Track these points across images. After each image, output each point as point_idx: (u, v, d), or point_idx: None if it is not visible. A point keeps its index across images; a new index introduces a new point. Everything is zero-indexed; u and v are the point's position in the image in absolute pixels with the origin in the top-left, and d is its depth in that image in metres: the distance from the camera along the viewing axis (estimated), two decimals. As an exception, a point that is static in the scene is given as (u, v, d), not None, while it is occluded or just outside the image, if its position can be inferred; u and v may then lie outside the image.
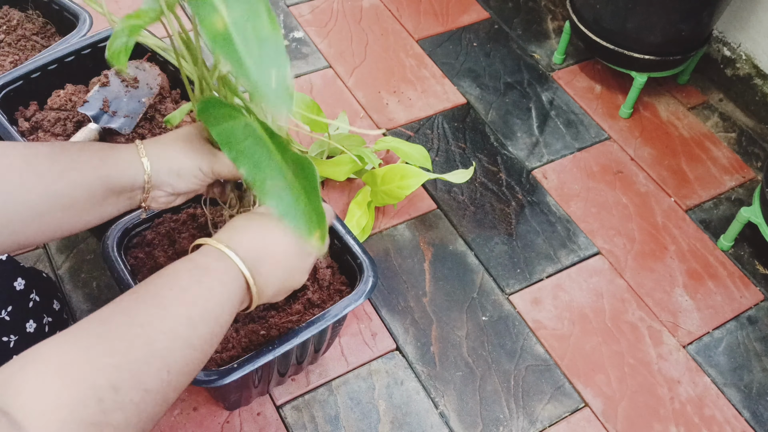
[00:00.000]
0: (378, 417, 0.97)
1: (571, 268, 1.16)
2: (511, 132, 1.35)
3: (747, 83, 1.41)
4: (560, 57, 1.47)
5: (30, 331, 0.81)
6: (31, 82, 1.04)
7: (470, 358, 1.04)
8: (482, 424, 0.98)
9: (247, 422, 0.95)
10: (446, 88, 1.41)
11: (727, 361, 1.07)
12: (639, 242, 1.20)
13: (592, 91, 1.43)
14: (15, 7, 1.20)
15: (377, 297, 1.09)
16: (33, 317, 0.82)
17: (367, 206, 1.15)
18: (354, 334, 1.05)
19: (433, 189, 1.24)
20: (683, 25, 1.24)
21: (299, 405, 0.97)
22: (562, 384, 1.03)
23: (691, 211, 1.25)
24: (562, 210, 1.23)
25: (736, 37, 1.40)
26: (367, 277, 0.85)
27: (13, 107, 1.04)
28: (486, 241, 1.18)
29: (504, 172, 1.28)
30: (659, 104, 1.42)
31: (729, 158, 1.34)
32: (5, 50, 1.13)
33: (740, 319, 1.12)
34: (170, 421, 0.94)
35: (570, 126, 1.36)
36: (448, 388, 1.01)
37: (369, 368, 1.02)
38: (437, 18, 1.54)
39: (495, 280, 1.13)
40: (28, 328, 0.81)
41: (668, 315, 1.11)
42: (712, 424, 1.01)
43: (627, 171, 1.30)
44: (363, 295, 0.84)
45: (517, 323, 1.09)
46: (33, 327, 0.81)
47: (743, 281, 1.17)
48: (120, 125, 1.01)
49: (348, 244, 0.88)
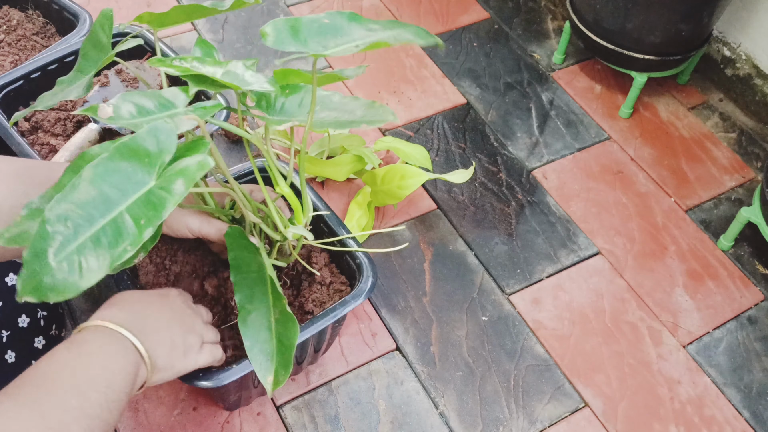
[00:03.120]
0: (378, 417, 0.97)
1: (571, 268, 1.16)
2: (511, 132, 1.35)
3: (747, 83, 1.41)
4: (560, 57, 1.47)
5: (23, 326, 0.82)
6: (31, 82, 1.04)
7: (470, 358, 1.04)
8: (482, 424, 0.98)
9: (247, 422, 0.95)
10: (446, 88, 1.41)
11: (727, 361, 1.07)
12: (639, 242, 1.20)
13: (592, 91, 1.43)
14: (15, 7, 1.20)
15: (377, 297, 1.09)
16: (26, 312, 0.83)
17: (367, 206, 1.15)
18: (354, 334, 1.05)
19: (433, 189, 1.24)
20: (683, 25, 1.24)
21: (299, 405, 0.97)
22: (562, 384, 1.03)
23: (691, 211, 1.25)
24: (562, 210, 1.23)
25: (736, 37, 1.40)
26: (367, 277, 0.86)
27: (13, 107, 1.04)
28: (486, 241, 1.18)
29: (504, 172, 1.28)
30: (659, 104, 1.42)
31: (729, 158, 1.34)
32: (5, 50, 1.13)
33: (740, 319, 1.12)
34: (170, 421, 0.94)
35: (570, 126, 1.36)
36: (448, 388, 1.01)
37: (369, 368, 1.02)
38: (437, 18, 1.54)
39: (495, 280, 1.13)
40: (21, 323, 0.82)
41: (668, 315, 1.11)
42: (712, 424, 1.01)
43: (627, 171, 1.30)
44: (363, 295, 0.84)
45: (517, 323, 1.09)
46: (26, 322, 0.82)
47: (743, 281, 1.17)
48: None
49: (348, 245, 0.89)
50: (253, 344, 0.71)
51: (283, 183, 0.73)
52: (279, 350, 0.71)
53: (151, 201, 0.56)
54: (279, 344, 0.71)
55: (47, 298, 0.51)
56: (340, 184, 1.22)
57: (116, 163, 0.56)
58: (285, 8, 1.52)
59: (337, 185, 1.22)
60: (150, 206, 0.56)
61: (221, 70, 0.64)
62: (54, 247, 0.52)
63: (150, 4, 1.49)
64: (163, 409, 0.95)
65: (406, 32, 0.67)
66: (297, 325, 0.71)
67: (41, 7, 1.19)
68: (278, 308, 0.72)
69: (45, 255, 0.52)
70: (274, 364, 0.70)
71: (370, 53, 1.45)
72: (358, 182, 1.22)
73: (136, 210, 0.55)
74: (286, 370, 0.70)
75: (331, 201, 1.19)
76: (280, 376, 0.70)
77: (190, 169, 0.57)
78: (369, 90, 1.38)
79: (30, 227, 0.59)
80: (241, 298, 0.72)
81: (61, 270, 0.52)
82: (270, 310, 0.72)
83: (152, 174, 0.57)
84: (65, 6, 1.14)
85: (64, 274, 0.52)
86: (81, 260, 0.53)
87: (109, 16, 0.69)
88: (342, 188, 1.22)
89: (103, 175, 0.55)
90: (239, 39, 1.45)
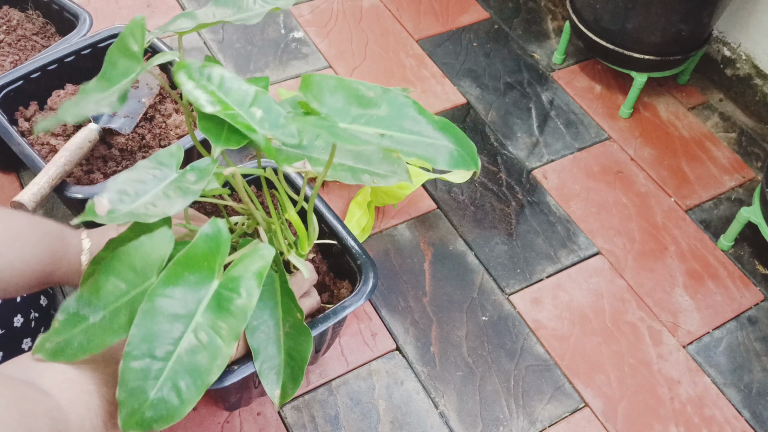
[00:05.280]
0: (378, 417, 0.97)
1: (571, 268, 1.16)
2: (511, 132, 1.35)
3: (747, 83, 1.41)
4: (560, 57, 1.47)
5: (17, 325, 0.82)
6: (31, 82, 1.04)
7: (470, 358, 1.04)
8: (482, 424, 0.98)
9: (247, 422, 0.95)
10: (446, 88, 1.41)
11: (727, 361, 1.07)
12: (639, 242, 1.20)
13: (592, 91, 1.43)
14: (15, 7, 1.20)
15: (377, 297, 1.09)
16: (21, 312, 0.83)
17: (367, 206, 1.15)
18: (354, 334, 1.05)
19: (433, 189, 1.24)
20: (683, 25, 1.24)
21: (299, 405, 0.97)
22: (562, 384, 1.03)
23: (691, 211, 1.25)
24: (562, 210, 1.23)
25: (736, 37, 1.40)
26: (368, 279, 0.85)
27: (13, 107, 1.04)
28: (486, 241, 1.18)
29: (504, 172, 1.28)
30: (659, 104, 1.42)
31: (729, 158, 1.34)
32: (5, 50, 1.13)
33: (740, 319, 1.12)
34: (170, 421, 0.94)
35: (570, 126, 1.36)
36: (448, 388, 1.01)
37: (369, 368, 1.02)
38: (437, 18, 1.54)
39: (495, 280, 1.13)
40: (16, 323, 0.82)
41: (668, 315, 1.11)
42: (712, 424, 1.01)
43: (627, 171, 1.30)
44: (363, 297, 0.84)
45: (517, 323, 1.09)
46: (20, 322, 0.82)
47: (743, 281, 1.17)
48: (120, 125, 1.01)
49: (348, 246, 0.89)
50: (262, 361, 0.69)
51: (292, 210, 0.72)
52: (287, 364, 0.68)
53: (222, 305, 0.56)
54: (288, 358, 0.68)
55: (153, 429, 0.52)
56: (340, 184, 1.22)
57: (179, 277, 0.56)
58: (285, 8, 1.52)
59: (337, 185, 1.22)
60: (222, 310, 0.55)
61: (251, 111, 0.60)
62: (145, 382, 0.52)
63: (150, 4, 1.49)
64: (164, 409, 0.95)
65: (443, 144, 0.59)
66: (310, 337, 0.69)
67: (41, 7, 1.19)
68: (289, 321, 0.69)
69: (140, 392, 0.52)
70: (281, 378, 0.68)
71: (370, 53, 1.45)
72: (358, 182, 1.22)
73: (210, 318, 0.55)
74: (295, 384, 0.68)
75: (331, 201, 1.19)
76: (288, 389, 0.68)
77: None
78: (369, 90, 1.38)
79: (73, 337, 0.57)
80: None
81: (161, 402, 0.52)
82: (279, 325, 0.69)
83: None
84: (65, 6, 1.14)
85: (165, 405, 0.52)
86: (178, 387, 0.53)
87: (141, 24, 0.62)
88: (342, 188, 1.22)
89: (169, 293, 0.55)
90: (239, 39, 1.45)
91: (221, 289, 0.57)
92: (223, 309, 0.56)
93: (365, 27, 1.50)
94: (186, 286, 0.56)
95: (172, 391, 0.52)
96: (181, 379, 0.53)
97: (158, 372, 0.52)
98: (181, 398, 0.52)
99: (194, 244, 0.57)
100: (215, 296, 0.56)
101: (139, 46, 0.61)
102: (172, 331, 0.54)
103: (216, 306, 0.56)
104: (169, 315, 0.54)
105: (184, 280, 0.56)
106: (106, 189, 0.55)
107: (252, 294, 0.56)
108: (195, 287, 0.56)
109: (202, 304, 0.56)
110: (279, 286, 0.70)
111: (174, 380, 0.53)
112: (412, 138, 0.58)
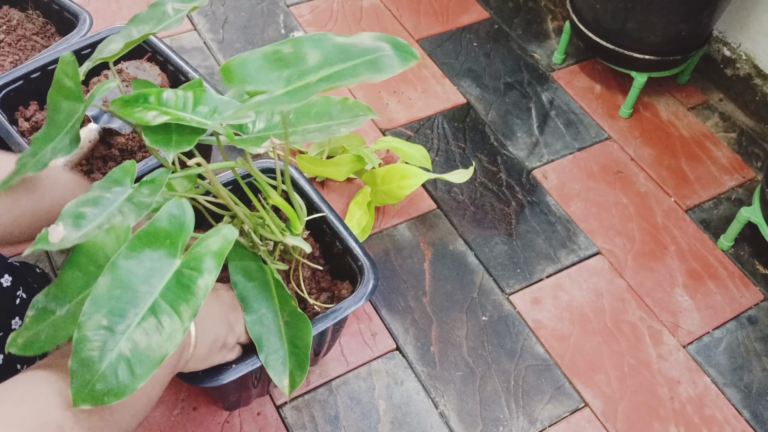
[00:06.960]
0: (378, 417, 0.97)
1: (571, 268, 1.16)
2: (511, 132, 1.35)
3: (747, 83, 1.41)
4: (560, 57, 1.47)
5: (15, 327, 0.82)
6: (31, 82, 1.04)
7: (470, 358, 1.04)
8: (482, 424, 0.98)
9: (247, 422, 0.95)
10: (446, 88, 1.41)
11: (727, 361, 1.07)
12: (639, 242, 1.20)
13: (592, 91, 1.43)
14: (15, 7, 1.20)
15: (377, 297, 1.09)
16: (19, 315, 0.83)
17: (367, 206, 1.15)
18: (354, 334, 1.05)
19: (433, 189, 1.24)
20: (683, 25, 1.24)
21: (299, 405, 0.97)
22: (562, 384, 1.03)
23: (691, 211, 1.25)
24: (562, 210, 1.23)
25: (736, 37, 1.40)
26: (368, 279, 0.85)
27: (13, 107, 1.04)
28: (486, 241, 1.18)
29: (504, 172, 1.28)
30: (659, 104, 1.42)
31: (729, 158, 1.34)
32: (5, 50, 1.13)
33: (740, 319, 1.12)
34: (170, 420, 0.94)
35: (570, 126, 1.36)
36: (448, 388, 1.01)
37: (369, 368, 1.02)
38: (437, 18, 1.54)
39: (495, 280, 1.13)
40: (14, 325, 0.82)
41: (668, 315, 1.11)
42: (712, 424, 1.01)
43: (627, 171, 1.30)
44: (363, 297, 0.84)
45: (517, 323, 1.09)
46: (18, 324, 0.82)
47: (743, 281, 1.17)
48: (120, 125, 1.01)
49: (349, 246, 0.88)
50: (266, 354, 0.71)
51: (275, 194, 0.72)
52: (292, 352, 0.70)
53: (183, 283, 0.55)
54: (291, 346, 0.70)
55: (104, 403, 0.51)
56: (340, 184, 1.22)
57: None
58: (285, 8, 1.52)
59: (337, 185, 1.22)
60: (183, 289, 0.55)
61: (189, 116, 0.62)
62: (98, 353, 0.52)
63: (150, 4, 1.49)
64: (163, 409, 0.95)
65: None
66: (309, 324, 0.71)
67: (41, 7, 1.19)
68: (286, 311, 0.71)
69: (92, 362, 0.51)
70: (288, 366, 0.70)
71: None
72: (358, 182, 1.22)
73: (169, 296, 0.55)
74: (303, 370, 0.70)
75: (331, 201, 1.19)
76: (296, 377, 0.70)
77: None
78: (368, 90, 1.38)
79: (41, 330, 0.57)
80: (246, 308, 0.73)
81: (111, 375, 0.52)
82: (277, 315, 0.71)
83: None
84: (65, 6, 1.14)
85: (116, 378, 0.52)
86: (129, 360, 0.52)
87: (72, 61, 0.63)
88: (342, 188, 1.22)
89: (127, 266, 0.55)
90: (239, 39, 1.45)
91: (183, 268, 0.57)
92: (183, 286, 0.55)
93: (365, 27, 1.50)
94: (147, 262, 0.56)
95: (125, 364, 0.52)
96: (134, 353, 0.52)
97: (112, 344, 0.52)
98: (132, 372, 0.52)
99: (157, 219, 0.57)
100: (176, 274, 0.56)
101: (75, 82, 0.63)
102: (129, 305, 0.54)
103: (176, 283, 0.56)
104: (127, 288, 0.54)
105: (145, 256, 0.56)
106: (62, 216, 0.57)
107: (211, 272, 0.56)
108: (156, 263, 0.56)
109: (162, 281, 0.56)
110: (271, 277, 0.71)
111: (126, 354, 0.52)
112: (349, 65, 0.57)
